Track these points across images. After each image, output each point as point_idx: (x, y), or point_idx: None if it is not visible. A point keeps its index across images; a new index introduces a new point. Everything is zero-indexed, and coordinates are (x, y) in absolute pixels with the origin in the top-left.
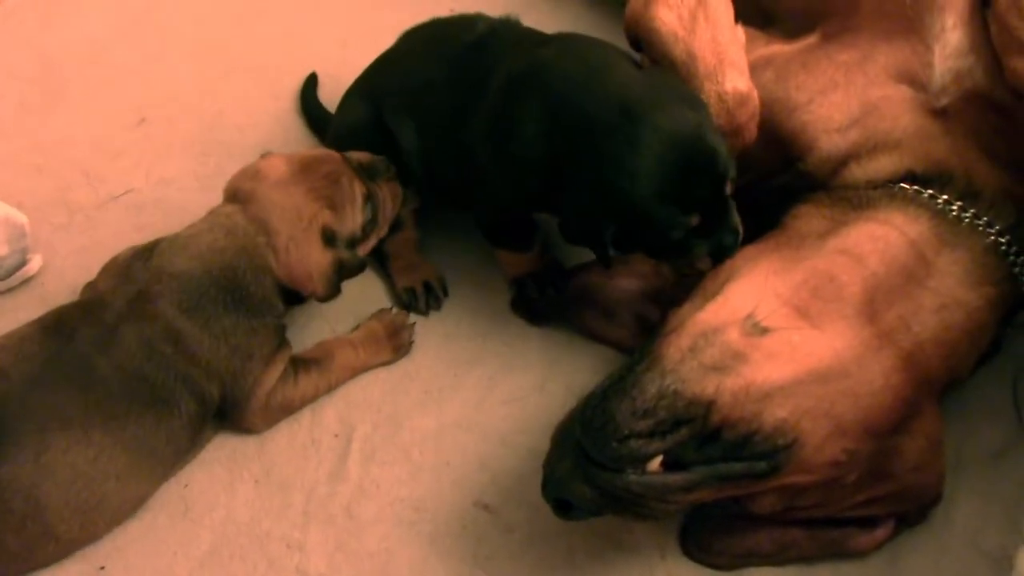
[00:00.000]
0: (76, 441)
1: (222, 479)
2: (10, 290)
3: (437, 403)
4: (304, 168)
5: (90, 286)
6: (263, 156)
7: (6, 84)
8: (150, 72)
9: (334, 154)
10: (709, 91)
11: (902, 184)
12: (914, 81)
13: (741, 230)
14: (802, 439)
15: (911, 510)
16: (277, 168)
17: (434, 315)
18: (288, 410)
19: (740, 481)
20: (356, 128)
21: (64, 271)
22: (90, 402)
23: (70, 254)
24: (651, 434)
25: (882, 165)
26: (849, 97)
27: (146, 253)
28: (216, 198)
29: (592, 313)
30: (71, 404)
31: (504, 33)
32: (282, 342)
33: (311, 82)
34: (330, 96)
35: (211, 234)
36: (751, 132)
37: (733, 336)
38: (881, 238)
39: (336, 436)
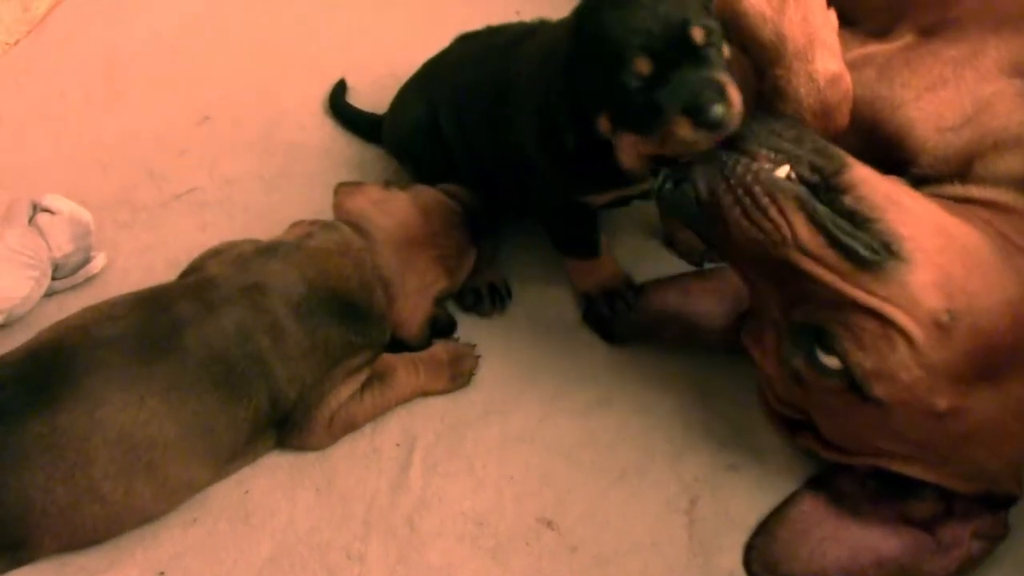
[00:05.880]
0: (130, 403)
1: (283, 486)
2: (74, 287)
3: (500, 415)
4: (427, 224)
5: (194, 269)
6: (387, 185)
7: (71, 81)
8: (214, 71)
9: (453, 207)
10: (799, 71)
11: None
12: None
13: (733, 97)
14: (912, 258)
15: (982, 494)
16: (404, 217)
17: (498, 326)
18: (351, 426)
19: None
20: (415, 126)
21: (128, 269)
22: (157, 369)
23: (134, 252)
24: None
25: (1010, 165)
26: (960, 94)
27: (268, 251)
28: (280, 198)
29: (671, 333)
30: (137, 367)
31: (541, 32)
32: (369, 361)
33: (339, 89)
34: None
35: (340, 259)
36: (843, 115)
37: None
38: None
39: (398, 446)
